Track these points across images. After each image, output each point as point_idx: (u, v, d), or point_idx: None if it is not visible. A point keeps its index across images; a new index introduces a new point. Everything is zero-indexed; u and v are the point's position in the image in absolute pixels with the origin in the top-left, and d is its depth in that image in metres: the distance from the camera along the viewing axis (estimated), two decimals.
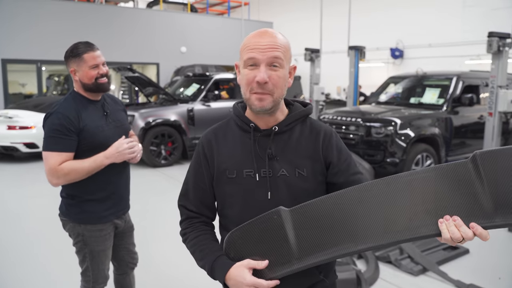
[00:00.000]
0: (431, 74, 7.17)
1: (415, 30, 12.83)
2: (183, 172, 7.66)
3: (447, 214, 1.06)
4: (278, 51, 1.24)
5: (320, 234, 1.16)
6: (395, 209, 1.10)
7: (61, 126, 2.02)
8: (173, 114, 8.26)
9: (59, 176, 2.02)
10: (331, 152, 1.35)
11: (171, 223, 2.55)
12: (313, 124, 1.40)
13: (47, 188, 2.69)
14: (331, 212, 1.16)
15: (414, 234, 1.08)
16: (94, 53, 2.12)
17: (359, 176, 1.36)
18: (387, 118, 5.92)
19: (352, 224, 1.14)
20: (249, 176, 1.32)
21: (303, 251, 1.17)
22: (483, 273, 3.62)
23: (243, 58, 1.27)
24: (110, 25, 13.18)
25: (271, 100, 1.27)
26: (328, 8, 12.34)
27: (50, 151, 2.02)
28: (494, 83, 5.87)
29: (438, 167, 1.10)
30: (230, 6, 18.02)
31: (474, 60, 11.09)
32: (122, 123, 2.32)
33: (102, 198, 2.18)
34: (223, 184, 1.35)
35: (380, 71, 13.77)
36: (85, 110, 2.13)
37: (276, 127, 1.33)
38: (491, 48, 5.74)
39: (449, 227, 1.05)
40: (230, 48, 15.41)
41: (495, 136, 5.96)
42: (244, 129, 1.36)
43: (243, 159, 1.33)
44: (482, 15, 11.06)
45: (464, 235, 1.04)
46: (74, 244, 2.21)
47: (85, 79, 2.11)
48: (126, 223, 2.38)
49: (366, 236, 1.11)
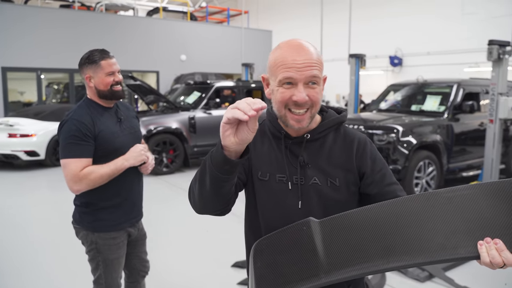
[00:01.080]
0: (432, 81, 7.22)
1: (414, 38, 12.94)
2: (185, 179, 7.66)
3: (488, 236, 0.99)
4: (315, 69, 1.21)
5: (350, 249, 1.11)
6: (432, 227, 1.04)
7: (78, 132, 2.03)
8: (174, 122, 8.27)
9: (81, 182, 2.01)
10: (365, 161, 1.31)
11: (173, 231, 2.55)
12: (347, 132, 1.36)
13: (48, 196, 2.71)
14: (363, 226, 1.11)
15: (451, 255, 1.01)
16: (111, 60, 2.15)
17: (395, 186, 1.30)
18: (389, 125, 5.95)
19: (385, 240, 1.08)
20: (282, 181, 1.29)
21: (331, 265, 1.11)
22: (488, 279, 3.63)
23: (278, 77, 1.21)
24: (110, 33, 13.23)
25: (308, 117, 1.25)
26: (327, 17, 12.42)
27: (69, 158, 2.02)
28: (495, 91, 5.91)
29: (483, 184, 1.03)
30: (230, 14, 18.12)
31: (473, 68, 11.19)
32: (135, 130, 2.34)
33: (116, 206, 2.19)
34: (254, 183, 1.33)
35: (379, 79, 13.86)
36: (100, 116, 2.14)
37: (308, 135, 1.30)
38: (491, 56, 5.79)
39: (490, 251, 0.97)
40: (230, 56, 15.48)
41: (496, 143, 5.99)
42: (276, 135, 1.34)
43: (276, 164, 1.31)
44: (480, 23, 11.18)
45: (505, 260, 0.96)
46: (87, 252, 2.20)
47: (100, 86, 2.13)
48: (139, 231, 2.38)
49: (399, 254, 1.05)
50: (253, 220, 1.37)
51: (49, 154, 8.48)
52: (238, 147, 1.06)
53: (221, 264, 3.94)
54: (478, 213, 1.01)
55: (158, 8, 16.25)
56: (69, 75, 13.16)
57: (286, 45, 1.24)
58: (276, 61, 1.23)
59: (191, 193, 1.26)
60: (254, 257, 1.25)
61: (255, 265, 1.23)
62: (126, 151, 2.19)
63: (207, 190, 1.15)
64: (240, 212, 1.45)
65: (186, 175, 8.15)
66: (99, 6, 15.06)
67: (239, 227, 1.38)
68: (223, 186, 1.14)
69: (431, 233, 1.03)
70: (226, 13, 18.16)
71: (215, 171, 1.09)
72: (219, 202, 1.20)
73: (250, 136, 1.04)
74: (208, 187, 1.14)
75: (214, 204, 1.21)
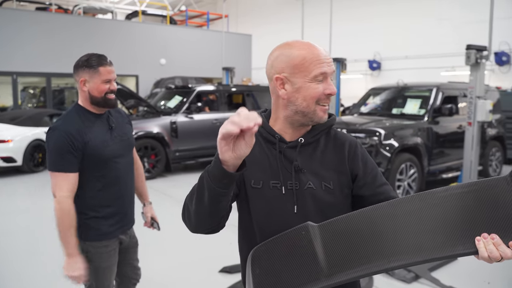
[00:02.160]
0: (412, 85, 7.36)
1: (392, 42, 13.18)
2: (167, 184, 7.59)
3: (484, 232, 1.01)
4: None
5: (350, 251, 1.11)
6: (430, 226, 1.07)
7: (65, 145, 1.98)
8: (155, 127, 8.19)
9: (57, 201, 1.99)
10: (357, 164, 1.33)
11: (158, 237, 2.51)
12: (337, 135, 1.38)
13: (26, 203, 2.63)
14: (362, 228, 1.12)
15: (450, 252, 1.03)
16: (109, 68, 2.09)
17: (386, 187, 1.33)
18: (371, 128, 6.03)
19: (384, 241, 1.09)
20: (276, 188, 1.28)
21: (332, 268, 1.12)
22: (472, 278, 3.71)
23: (313, 73, 1.24)
24: (89, 36, 13.03)
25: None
26: (306, 19, 12.52)
27: (57, 172, 1.99)
28: (473, 94, 6.06)
29: (477, 183, 1.06)
30: (209, 18, 18.09)
31: (450, 72, 11.45)
32: (127, 136, 2.28)
33: (108, 215, 2.15)
34: (247, 192, 1.31)
35: (359, 82, 14.05)
36: (89, 124, 2.09)
37: (302, 139, 1.31)
38: (469, 60, 5.94)
39: (487, 246, 1.00)
40: (210, 60, 15.44)
41: (474, 145, 6.14)
42: (269, 140, 1.33)
43: (269, 170, 1.30)
44: (456, 28, 11.47)
45: (503, 254, 0.99)
46: None
47: (94, 92, 2.07)
48: (131, 238, 2.34)
49: (400, 253, 1.07)
50: (247, 229, 1.35)
51: (27, 160, 8.27)
52: (236, 161, 1.06)
53: (209, 269, 3.91)
54: (474, 211, 1.04)
55: (137, 12, 16.10)
56: (46, 79, 12.89)
57: (305, 44, 1.27)
58: (305, 58, 1.24)
59: (185, 212, 1.24)
60: (252, 264, 1.23)
61: (254, 273, 1.21)
62: (116, 160, 2.16)
63: (205, 206, 1.15)
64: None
65: (168, 180, 8.08)
66: (77, 9, 14.84)
67: (224, 232, 1.32)
68: (221, 200, 1.13)
69: (429, 231, 1.06)
70: (206, 17, 18.12)
71: (214, 186, 1.09)
72: (215, 218, 1.19)
73: (247, 150, 1.05)
74: (206, 203, 1.14)
75: (211, 220, 1.20)
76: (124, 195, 2.24)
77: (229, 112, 9.29)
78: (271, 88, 1.33)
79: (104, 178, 2.13)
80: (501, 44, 10.41)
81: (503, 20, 9.49)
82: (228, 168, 1.06)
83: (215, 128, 8.97)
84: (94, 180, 2.11)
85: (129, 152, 2.30)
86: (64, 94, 14.49)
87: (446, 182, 6.69)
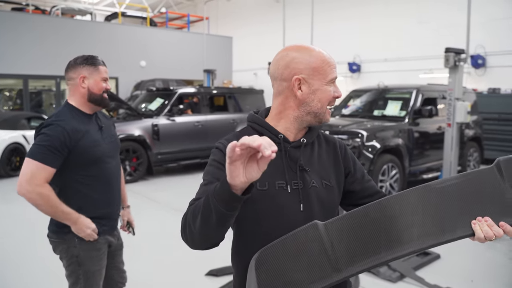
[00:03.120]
0: (392, 87, 7.47)
1: (371, 45, 13.36)
2: (149, 187, 7.51)
3: (479, 216, 1.15)
4: None
5: (358, 245, 1.16)
6: (431, 215, 1.17)
7: (57, 140, 1.95)
8: (137, 129, 8.10)
9: (34, 191, 1.92)
10: (348, 162, 1.44)
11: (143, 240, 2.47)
12: (326, 137, 1.47)
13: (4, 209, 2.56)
14: (368, 222, 1.17)
15: (452, 236, 1.15)
16: (106, 68, 2.17)
17: (371, 183, 1.46)
18: (354, 130, 6.10)
19: (390, 231, 1.16)
20: (282, 188, 1.30)
21: (341, 262, 1.15)
22: (455, 276, 3.78)
23: (330, 76, 1.31)
24: (67, 38, 12.80)
25: None
26: (287, 21, 12.59)
27: (37, 161, 1.93)
28: (452, 96, 6.19)
29: (468, 174, 1.20)
30: (190, 20, 18.01)
31: (428, 74, 11.67)
32: (115, 138, 2.31)
33: (100, 215, 2.13)
34: (253, 196, 1.21)
35: (339, 84, 14.08)
36: (82, 123, 2.09)
37: (304, 139, 1.36)
38: (448, 63, 6.06)
39: (482, 227, 1.13)
40: (190, 63, 15.37)
41: (454, 146, 6.27)
42: (272, 139, 1.26)
43: (273, 171, 1.29)
44: (434, 32, 11.70)
45: (496, 233, 1.12)
46: (66, 266, 2.10)
47: (95, 89, 2.11)
48: (117, 240, 2.32)
49: (407, 242, 1.15)
50: (250, 234, 1.33)
51: (3, 164, 8.07)
52: (245, 185, 1.06)
53: (196, 272, 3.88)
54: (468, 198, 1.17)
55: (116, 13, 15.89)
56: (22, 81, 12.61)
57: (318, 49, 1.33)
58: (324, 62, 1.31)
59: (186, 231, 1.19)
60: (257, 270, 1.20)
61: (259, 278, 1.18)
62: (107, 160, 2.16)
63: (211, 228, 1.12)
64: None
65: (150, 183, 7.99)
66: (55, 10, 14.56)
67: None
68: (229, 221, 1.12)
69: (431, 219, 1.16)
70: (186, 19, 18.03)
71: (222, 209, 1.07)
72: (221, 235, 1.18)
73: (258, 175, 1.04)
74: (213, 225, 1.11)
75: (216, 238, 1.18)
76: (114, 195, 2.24)
77: (211, 115, 9.27)
78: (280, 89, 1.33)
79: (95, 178, 2.12)
80: (477, 48, 10.67)
81: (478, 24, 9.75)
82: (237, 191, 1.05)
83: (197, 130, 8.94)
84: (86, 180, 2.09)
85: (117, 154, 2.33)
86: (41, 96, 14.20)
87: (427, 182, 6.79)
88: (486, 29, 10.36)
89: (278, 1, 16.77)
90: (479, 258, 4.24)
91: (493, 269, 4.03)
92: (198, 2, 21.74)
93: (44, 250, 2.19)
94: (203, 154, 9.01)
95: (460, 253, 4.28)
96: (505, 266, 4.10)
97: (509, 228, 1.13)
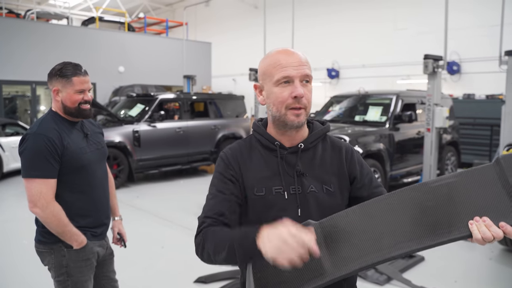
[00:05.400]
0: (372, 93, 7.59)
1: (350, 51, 13.58)
2: (130, 194, 7.40)
3: (476, 216, 1.09)
4: (307, 68, 1.30)
5: (350, 245, 1.16)
6: (425, 215, 1.13)
7: (45, 149, 1.91)
8: (117, 136, 7.98)
9: (47, 210, 1.92)
10: (354, 167, 1.40)
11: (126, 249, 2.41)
12: (333, 141, 1.44)
13: None
14: (361, 222, 1.17)
15: (447, 237, 1.10)
16: (84, 78, 2.06)
17: (381, 189, 1.41)
18: (336, 135, 6.16)
19: (383, 232, 1.14)
20: (279, 193, 1.31)
21: (334, 262, 1.16)
22: (440, 277, 3.86)
23: (276, 77, 1.28)
24: (42, 42, 12.53)
25: (305, 114, 1.31)
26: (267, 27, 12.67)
27: (36, 178, 1.91)
28: (431, 101, 6.34)
29: (464, 172, 1.15)
30: (168, 26, 17.91)
31: (405, 80, 11.93)
32: (102, 146, 2.25)
33: (87, 224, 2.09)
34: (250, 202, 1.33)
35: (318, 90, 14.34)
36: (66, 131, 2.04)
37: (302, 144, 1.35)
38: (427, 69, 6.22)
39: (480, 228, 1.07)
40: (169, 68, 15.26)
41: (433, 150, 6.42)
42: (269, 147, 1.37)
43: (271, 177, 1.32)
44: (410, 38, 11.98)
45: (495, 234, 1.06)
46: (56, 277, 2.05)
47: (68, 102, 2.03)
48: (106, 250, 2.27)
49: (399, 242, 1.12)
50: None
51: None
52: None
53: (184, 280, 3.85)
54: (465, 197, 1.12)
55: (94, 18, 15.66)
56: None
57: (276, 52, 1.33)
58: (270, 65, 1.31)
59: (205, 256, 1.27)
60: (253, 269, 1.22)
61: (255, 277, 1.21)
62: (94, 168, 2.12)
63: (234, 263, 1.23)
64: (193, 225, 1.43)
65: (132, 190, 7.89)
66: (29, 14, 14.23)
67: (193, 241, 1.31)
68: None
69: (425, 220, 1.13)
70: (165, 25, 17.93)
71: (247, 259, 1.19)
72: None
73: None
74: (235, 262, 1.22)
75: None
76: (102, 204, 2.20)
77: (192, 121, 9.22)
78: None
79: (82, 187, 2.08)
80: (451, 54, 10.97)
81: (452, 31, 10.03)
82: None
83: (178, 136, 8.88)
84: (72, 188, 2.05)
85: (104, 162, 2.29)
86: (16, 102, 13.85)
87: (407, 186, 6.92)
88: (460, 36, 10.67)
89: (257, 7, 16.88)
90: (461, 259, 4.34)
91: (475, 270, 4.13)
92: (176, 7, 21.69)
93: (26, 261, 2.13)
94: (184, 160, 8.96)
95: (443, 255, 4.37)
96: (486, 266, 4.21)
97: (509, 229, 1.06)
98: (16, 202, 6.65)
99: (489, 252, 4.54)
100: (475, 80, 11.02)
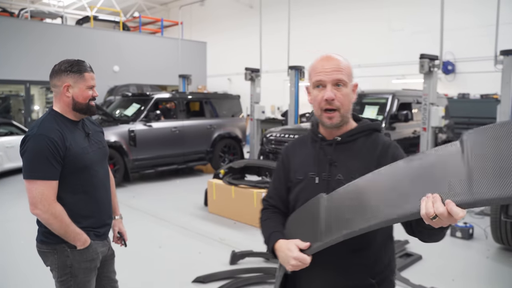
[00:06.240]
0: (369, 92, 7.61)
1: (345, 51, 13.54)
2: (127, 195, 7.37)
3: (436, 192, 1.08)
4: (341, 73, 1.46)
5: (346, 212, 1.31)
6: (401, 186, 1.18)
7: (47, 150, 1.89)
8: (113, 135, 7.94)
9: (48, 212, 1.91)
10: (385, 161, 1.40)
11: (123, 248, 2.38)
12: (377, 138, 1.53)
13: None
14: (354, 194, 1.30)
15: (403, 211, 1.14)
16: (93, 74, 2.08)
17: None
18: None
19: (370, 202, 1.24)
20: (312, 178, 1.52)
21: (329, 228, 1.34)
22: (437, 276, 3.88)
23: (312, 81, 1.50)
24: (36, 41, 12.44)
25: (338, 116, 1.47)
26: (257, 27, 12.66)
27: (37, 179, 1.89)
28: (427, 101, 6.37)
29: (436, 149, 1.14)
30: (164, 25, 17.86)
31: (400, 80, 11.96)
32: (103, 145, 2.23)
33: (90, 225, 2.08)
34: (294, 185, 1.58)
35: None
36: (68, 131, 2.02)
37: (338, 137, 1.51)
38: (423, 68, 6.24)
39: (427, 203, 1.06)
40: (164, 68, 15.22)
41: (429, 149, 6.43)
42: (314, 139, 1.59)
43: (310, 164, 1.54)
44: (405, 38, 12.02)
45: (436, 210, 1.04)
46: (58, 277, 2.03)
47: (80, 98, 2.02)
48: (109, 250, 2.26)
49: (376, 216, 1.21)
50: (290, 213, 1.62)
51: None
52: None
53: (182, 280, 3.83)
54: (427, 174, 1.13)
55: (88, 17, 15.56)
56: None
57: (320, 57, 1.52)
58: (312, 69, 1.52)
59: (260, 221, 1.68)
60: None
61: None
62: (96, 168, 2.10)
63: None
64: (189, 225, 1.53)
65: (128, 190, 7.85)
66: (23, 12, 14.13)
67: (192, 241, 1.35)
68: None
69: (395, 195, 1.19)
70: (160, 24, 17.87)
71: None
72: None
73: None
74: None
75: None
76: (104, 204, 2.19)
77: (188, 120, 9.19)
78: None
79: (84, 187, 2.06)
80: (446, 54, 11.02)
81: (447, 31, 10.07)
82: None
83: (174, 136, 8.85)
84: (75, 189, 2.03)
85: (106, 161, 2.27)
86: (9, 102, 13.75)
87: None
88: (455, 36, 10.71)
89: (252, 7, 16.87)
90: (459, 258, 4.36)
91: (472, 268, 4.15)
92: (171, 7, 21.61)
93: (26, 261, 2.11)
94: (180, 160, 8.94)
95: (440, 254, 4.39)
96: (483, 264, 4.24)
97: (455, 208, 1.02)
98: (12, 201, 6.61)
99: (486, 250, 4.56)
100: (469, 79, 11.08)
